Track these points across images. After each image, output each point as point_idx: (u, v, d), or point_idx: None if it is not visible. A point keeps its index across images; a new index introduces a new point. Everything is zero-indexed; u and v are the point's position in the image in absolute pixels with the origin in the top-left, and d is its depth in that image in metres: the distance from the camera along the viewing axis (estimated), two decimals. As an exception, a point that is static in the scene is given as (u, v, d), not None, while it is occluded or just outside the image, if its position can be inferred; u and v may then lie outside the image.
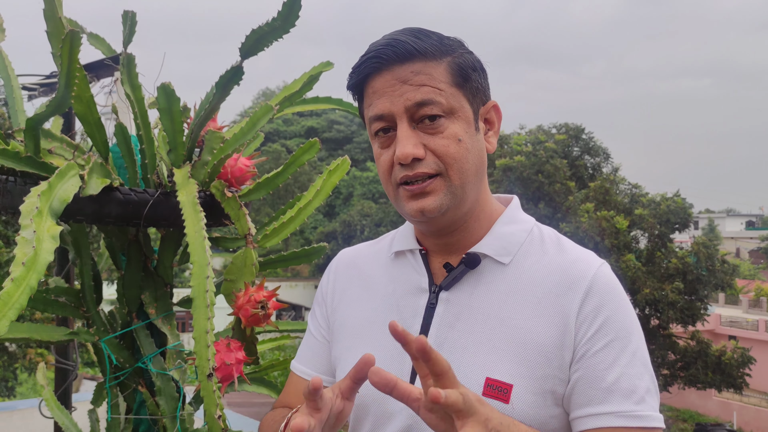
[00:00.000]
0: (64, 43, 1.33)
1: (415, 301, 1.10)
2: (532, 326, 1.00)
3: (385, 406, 1.06)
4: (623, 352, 0.97)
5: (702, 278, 16.19)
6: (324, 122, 55.16)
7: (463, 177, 1.02)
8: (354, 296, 1.20)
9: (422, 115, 1.01)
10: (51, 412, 1.96)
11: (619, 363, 0.97)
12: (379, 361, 1.08)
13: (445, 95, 1.01)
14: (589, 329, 0.98)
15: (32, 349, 12.01)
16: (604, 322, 0.98)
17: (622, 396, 0.95)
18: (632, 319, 1.02)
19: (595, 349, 0.97)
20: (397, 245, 1.18)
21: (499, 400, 0.97)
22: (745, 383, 16.53)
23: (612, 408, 0.95)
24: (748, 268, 41.27)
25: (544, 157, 17.27)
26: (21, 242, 1.13)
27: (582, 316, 0.99)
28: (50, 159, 1.61)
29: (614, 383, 0.96)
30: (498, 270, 1.06)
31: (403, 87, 1.00)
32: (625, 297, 1.03)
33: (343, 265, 1.27)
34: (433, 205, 1.01)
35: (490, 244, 1.07)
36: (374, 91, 1.03)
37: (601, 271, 1.03)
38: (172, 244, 1.79)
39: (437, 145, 1.01)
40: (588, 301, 0.99)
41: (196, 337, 1.34)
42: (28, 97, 2.38)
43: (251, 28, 1.48)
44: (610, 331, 0.98)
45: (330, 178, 1.81)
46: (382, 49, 1.02)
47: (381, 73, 1.02)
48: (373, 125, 1.05)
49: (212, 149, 1.69)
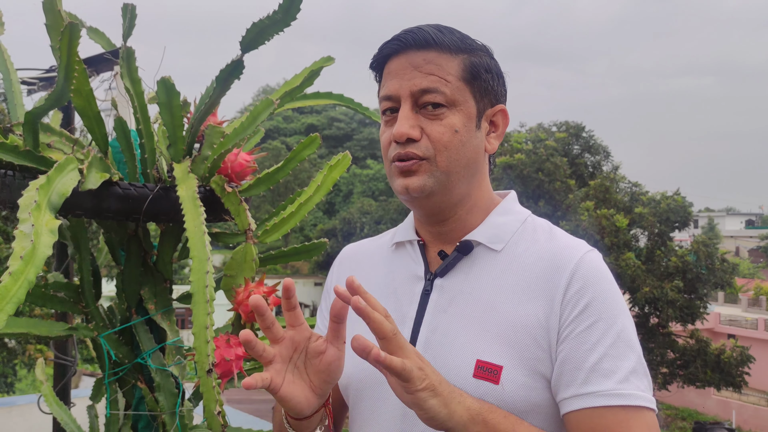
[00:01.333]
0: (63, 35, 1.32)
1: (411, 289, 1.14)
2: (521, 310, 1.03)
3: (381, 389, 1.09)
4: (606, 333, 0.98)
5: (701, 277, 16.22)
6: (324, 119, 55.12)
7: (450, 165, 1.06)
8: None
9: (425, 102, 1.06)
10: (50, 408, 1.96)
11: (602, 344, 0.97)
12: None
13: (450, 87, 1.06)
14: (573, 310, 1.00)
15: (31, 345, 12.02)
16: (588, 303, 1.00)
17: (603, 376, 0.96)
18: (618, 301, 1.02)
19: (578, 330, 0.99)
20: (398, 237, 1.22)
21: (490, 381, 1.00)
22: (744, 382, 16.56)
23: (593, 388, 0.96)
24: (747, 267, 41.31)
25: (544, 155, 17.28)
26: (19, 236, 1.12)
27: (567, 297, 1.01)
28: (49, 153, 1.60)
29: (596, 363, 0.97)
30: (490, 257, 1.10)
31: (413, 72, 1.06)
32: (611, 281, 1.05)
33: (346, 259, 1.32)
34: (416, 184, 1.06)
35: (483, 232, 1.11)
36: (389, 71, 1.09)
37: (588, 256, 1.05)
38: (171, 239, 1.78)
39: (433, 131, 1.06)
40: (573, 284, 1.01)
41: (195, 333, 1.33)
42: (27, 91, 2.37)
43: (252, 22, 1.46)
44: (594, 312, 0.99)
45: (331, 174, 1.80)
46: (404, 35, 1.08)
47: (398, 56, 1.08)
48: (382, 104, 1.11)
49: (212, 144, 1.68)
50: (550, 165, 17.05)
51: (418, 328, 1.09)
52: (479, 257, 1.10)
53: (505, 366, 1.00)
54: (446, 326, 1.07)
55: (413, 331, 1.09)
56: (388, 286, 1.18)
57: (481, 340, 1.03)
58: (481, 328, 1.04)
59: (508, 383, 0.99)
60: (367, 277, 1.21)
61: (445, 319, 1.07)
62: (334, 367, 0.96)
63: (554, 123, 20.20)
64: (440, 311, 1.08)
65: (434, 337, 1.07)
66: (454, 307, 1.08)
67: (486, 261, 1.10)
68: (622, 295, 1.06)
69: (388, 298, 1.15)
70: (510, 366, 1.00)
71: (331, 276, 1.32)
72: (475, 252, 1.11)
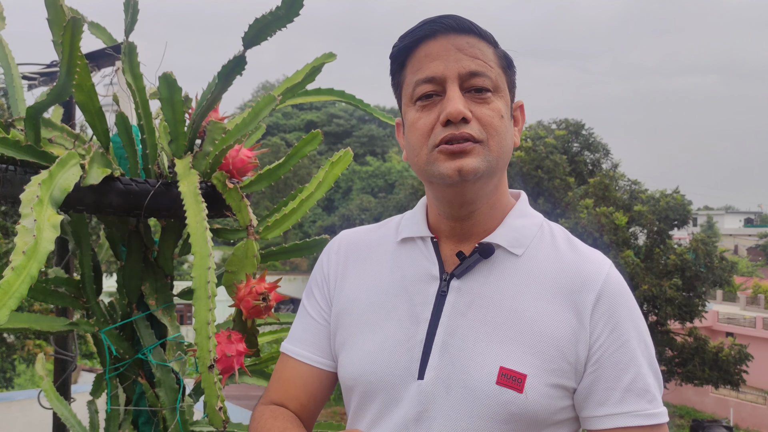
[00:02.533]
0: (66, 30, 1.32)
1: (425, 289, 1.10)
2: (545, 319, 1.02)
3: (394, 392, 1.06)
4: (636, 353, 1.01)
5: (700, 275, 16.22)
6: (324, 116, 55.07)
7: (500, 150, 1.04)
8: (358, 280, 1.18)
9: (472, 86, 1.02)
10: (50, 403, 1.96)
11: (634, 363, 1.00)
12: (387, 348, 1.08)
13: (494, 72, 1.05)
14: (604, 330, 1.01)
15: (30, 340, 12.02)
16: (618, 323, 1.02)
17: (638, 396, 0.99)
18: (641, 318, 1.06)
19: (611, 350, 1.01)
20: (405, 231, 1.17)
21: (514, 389, 0.99)
22: (742, 380, 16.58)
23: (629, 408, 1.00)
24: (746, 265, 41.34)
25: (543, 152, 17.27)
26: (21, 231, 1.12)
27: (596, 316, 1.02)
28: (51, 148, 1.60)
29: (630, 383, 1.00)
30: (511, 261, 1.08)
31: (458, 54, 1.03)
32: (632, 297, 1.07)
33: (344, 246, 1.24)
34: (471, 165, 1.01)
35: (503, 234, 1.09)
36: (427, 54, 1.04)
37: (612, 273, 1.06)
38: (172, 235, 1.78)
39: (483, 114, 1.02)
40: (601, 303, 1.02)
41: (197, 328, 1.33)
42: (28, 86, 2.37)
43: (254, 17, 1.46)
44: (624, 332, 1.01)
45: (332, 170, 1.79)
46: (441, 18, 1.04)
47: (437, 38, 1.04)
48: (418, 88, 1.05)
49: (214, 140, 1.68)
50: (550, 162, 17.04)
51: (434, 331, 1.06)
52: (499, 261, 1.08)
53: (530, 374, 0.99)
54: (466, 330, 1.04)
55: (428, 334, 1.06)
56: (397, 284, 1.13)
57: (504, 347, 1.01)
58: (503, 334, 1.02)
59: (532, 392, 0.99)
60: (372, 272, 1.17)
61: (465, 323, 1.05)
62: None
63: (554, 121, 20.19)
64: (459, 314, 1.06)
65: (453, 341, 1.04)
66: (473, 311, 1.05)
67: (506, 265, 1.07)
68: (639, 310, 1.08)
69: (399, 297, 1.11)
70: (534, 375, 0.99)
71: (328, 262, 1.24)
72: (494, 255, 1.08)
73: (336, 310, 1.19)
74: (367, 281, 1.17)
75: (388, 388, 1.07)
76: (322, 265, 1.25)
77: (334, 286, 1.21)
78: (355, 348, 1.12)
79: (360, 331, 1.14)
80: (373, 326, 1.12)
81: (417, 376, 1.05)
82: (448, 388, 1.02)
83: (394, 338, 1.08)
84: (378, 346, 1.09)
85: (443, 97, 1.03)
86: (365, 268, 1.19)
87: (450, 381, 1.02)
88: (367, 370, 1.09)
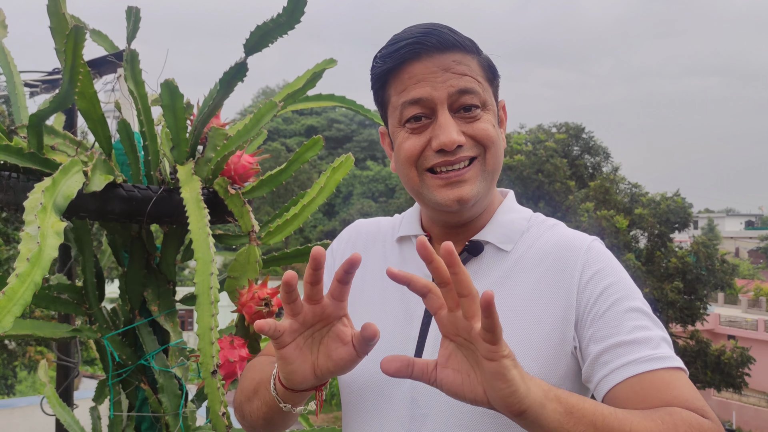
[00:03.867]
0: (69, 38, 1.32)
1: None
2: (530, 307, 1.03)
3: (387, 388, 1.07)
4: (631, 308, 1.00)
5: (701, 278, 16.21)
6: (324, 121, 55.14)
7: (495, 162, 1.06)
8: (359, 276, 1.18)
9: (461, 104, 1.02)
10: (53, 410, 1.96)
11: (629, 317, 0.99)
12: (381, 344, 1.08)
13: (482, 87, 1.04)
14: (593, 293, 1.01)
15: (32, 347, 12.01)
16: (608, 284, 1.01)
17: (640, 344, 0.97)
18: (631, 281, 1.05)
19: (603, 308, 1.00)
20: (402, 230, 1.19)
21: None
22: (744, 383, 16.56)
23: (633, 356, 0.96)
24: (747, 268, 41.29)
25: (544, 156, 17.28)
26: (25, 238, 1.12)
27: (583, 282, 1.02)
28: (53, 155, 1.61)
29: (629, 334, 0.97)
30: (499, 257, 1.09)
31: (445, 74, 1.01)
32: (618, 264, 1.07)
33: (360, 235, 1.25)
34: (471, 193, 1.03)
35: (493, 231, 1.10)
36: (412, 76, 1.02)
37: (594, 244, 1.07)
38: (174, 241, 1.78)
39: (476, 130, 1.03)
40: (587, 269, 1.03)
41: (200, 334, 1.34)
42: (30, 93, 2.38)
43: (256, 24, 1.47)
44: (615, 291, 1.01)
45: (334, 175, 1.80)
46: (423, 37, 1.02)
47: (421, 60, 1.02)
48: (406, 110, 1.04)
49: (215, 146, 1.68)
50: (550, 166, 17.05)
51: (426, 328, 1.07)
52: (488, 257, 1.09)
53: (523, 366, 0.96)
54: None
55: (421, 331, 1.07)
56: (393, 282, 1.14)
57: None
58: None
59: None
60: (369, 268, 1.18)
61: None
62: (344, 364, 0.91)
63: (554, 124, 20.21)
64: None
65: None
66: None
67: (494, 261, 1.09)
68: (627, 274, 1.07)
69: (395, 295, 1.13)
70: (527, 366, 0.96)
71: (338, 249, 1.25)
72: (484, 252, 1.09)
73: None
74: (364, 276, 1.18)
75: (381, 384, 1.08)
76: (333, 249, 1.26)
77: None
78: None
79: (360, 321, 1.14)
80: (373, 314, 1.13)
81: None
82: None
83: (389, 335, 1.09)
84: None
85: (433, 120, 1.03)
86: (372, 259, 1.20)
87: None
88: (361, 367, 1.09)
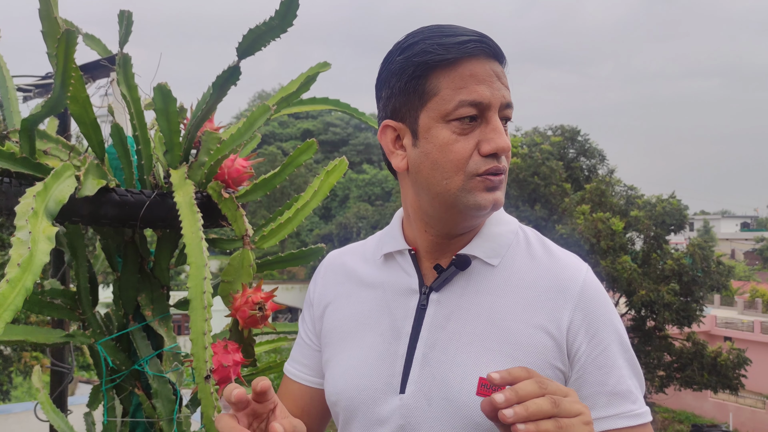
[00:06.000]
0: (60, 42, 1.32)
1: (405, 303, 1.10)
2: (523, 328, 1.02)
3: (375, 407, 1.07)
4: (617, 356, 1.03)
5: (697, 280, 16.23)
6: (320, 124, 55.16)
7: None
8: (343, 300, 1.19)
9: (504, 116, 1.03)
10: (47, 416, 1.95)
11: (616, 366, 1.03)
12: (369, 362, 1.09)
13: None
14: (585, 338, 1.02)
15: (27, 352, 11.97)
16: (598, 330, 1.03)
17: (623, 398, 1.02)
18: (618, 320, 1.07)
19: (593, 355, 1.02)
20: (386, 247, 1.17)
21: None
22: (740, 384, 16.57)
23: (616, 410, 1.02)
24: (743, 270, 41.42)
25: (539, 159, 17.30)
26: (16, 243, 1.12)
27: (576, 324, 1.03)
28: (46, 160, 1.60)
29: (614, 387, 1.02)
30: (487, 271, 1.08)
31: (499, 82, 1.01)
32: (609, 300, 1.08)
33: (331, 268, 1.26)
34: (502, 198, 1.04)
35: (480, 245, 1.09)
36: (474, 75, 0.99)
37: (588, 278, 1.07)
38: (168, 245, 1.77)
39: (509, 143, 1.03)
40: (579, 309, 1.03)
41: (193, 339, 1.33)
42: (23, 98, 2.37)
43: (248, 28, 1.47)
44: (605, 337, 1.03)
45: (328, 179, 1.80)
46: (485, 38, 1.01)
47: (480, 60, 1.00)
48: (462, 109, 0.99)
49: (209, 150, 1.68)
50: (546, 169, 17.07)
51: (414, 344, 1.06)
52: (476, 272, 1.08)
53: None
54: (445, 343, 1.04)
55: (409, 347, 1.06)
56: (379, 299, 1.14)
57: (483, 358, 1.01)
58: (482, 345, 1.02)
59: None
60: (354, 290, 1.18)
61: (444, 336, 1.05)
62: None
63: (549, 127, 20.24)
64: (438, 327, 1.06)
65: (433, 353, 1.04)
66: (452, 323, 1.05)
67: (483, 276, 1.08)
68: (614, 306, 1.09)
69: (381, 312, 1.12)
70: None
71: (314, 285, 1.27)
72: (471, 266, 1.08)
73: (322, 332, 1.21)
74: (350, 299, 1.18)
75: (369, 402, 1.07)
76: (310, 289, 1.28)
77: (318, 307, 1.24)
78: (339, 364, 1.13)
79: (343, 348, 1.15)
80: (356, 342, 1.13)
81: (399, 390, 1.05)
82: (430, 400, 1.02)
83: (377, 353, 1.09)
84: (360, 362, 1.10)
85: (480, 123, 1.00)
86: (349, 288, 1.20)
87: (431, 394, 1.02)
88: (349, 385, 1.10)
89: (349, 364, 1.12)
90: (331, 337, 1.18)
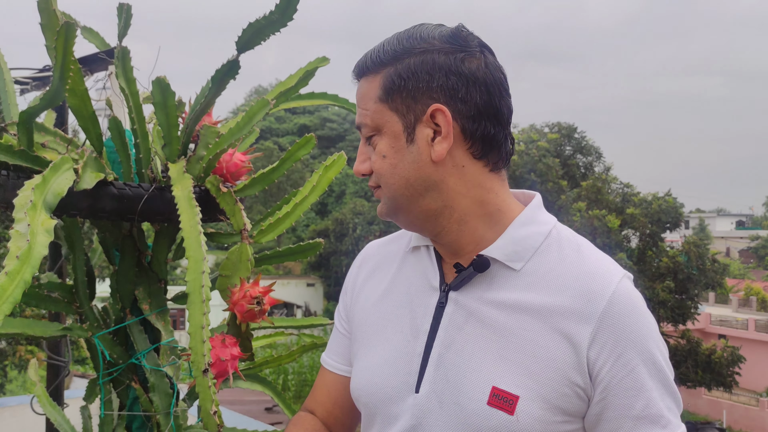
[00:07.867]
0: (59, 35, 1.32)
1: (426, 300, 1.09)
2: (542, 340, 0.97)
3: (390, 409, 1.07)
4: (646, 378, 0.96)
5: (692, 277, 16.30)
6: (317, 120, 55.10)
7: (389, 191, 1.05)
8: (371, 292, 1.21)
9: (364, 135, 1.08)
10: (43, 409, 1.95)
11: (645, 389, 0.95)
12: (389, 361, 1.10)
13: (371, 115, 1.04)
14: (609, 356, 0.95)
15: (22, 346, 11.96)
16: (625, 349, 0.95)
17: (651, 422, 0.95)
18: (653, 336, 0.98)
19: (619, 377, 0.95)
20: (414, 240, 1.18)
21: (504, 411, 0.96)
22: (734, 382, 16.67)
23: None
24: (738, 268, 41.56)
25: (536, 156, 17.33)
26: (15, 236, 1.12)
27: (599, 341, 0.96)
28: (43, 153, 1.60)
29: (642, 411, 0.95)
30: (509, 275, 1.03)
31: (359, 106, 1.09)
32: (644, 313, 0.99)
33: (364, 258, 1.29)
34: (381, 210, 1.09)
35: (501, 248, 1.03)
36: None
37: (619, 291, 0.99)
38: (166, 239, 1.77)
39: (373, 162, 1.07)
40: (604, 325, 0.96)
41: (191, 333, 1.33)
42: (21, 91, 2.36)
43: (248, 22, 1.46)
44: (632, 358, 0.95)
45: (326, 174, 1.80)
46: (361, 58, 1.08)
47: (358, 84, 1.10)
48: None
49: (207, 144, 1.68)
50: (543, 166, 17.11)
51: (431, 343, 1.05)
52: (497, 274, 1.03)
53: (522, 396, 0.96)
54: (461, 345, 1.02)
55: (426, 346, 1.05)
56: (404, 295, 1.14)
57: (498, 366, 0.98)
58: (498, 353, 0.99)
59: (524, 415, 0.95)
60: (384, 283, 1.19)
61: (461, 337, 1.03)
62: None
63: (546, 124, 20.27)
64: (456, 327, 1.04)
65: (448, 354, 1.03)
66: (470, 325, 1.02)
67: (504, 280, 1.02)
68: (655, 323, 1.01)
69: (404, 308, 1.12)
70: (527, 397, 0.96)
71: (350, 276, 1.28)
72: (493, 269, 1.03)
73: (353, 322, 1.23)
74: (379, 292, 1.19)
75: (386, 400, 1.08)
76: (347, 277, 1.30)
77: (351, 298, 1.25)
78: (362, 361, 1.15)
79: (367, 344, 1.16)
80: (379, 338, 1.14)
81: (414, 390, 1.05)
82: (441, 402, 1.02)
83: (396, 351, 1.09)
84: (381, 360, 1.11)
85: None
86: (379, 280, 1.20)
87: (443, 396, 1.02)
88: (370, 383, 1.11)
89: (371, 361, 1.13)
90: (358, 331, 1.20)
